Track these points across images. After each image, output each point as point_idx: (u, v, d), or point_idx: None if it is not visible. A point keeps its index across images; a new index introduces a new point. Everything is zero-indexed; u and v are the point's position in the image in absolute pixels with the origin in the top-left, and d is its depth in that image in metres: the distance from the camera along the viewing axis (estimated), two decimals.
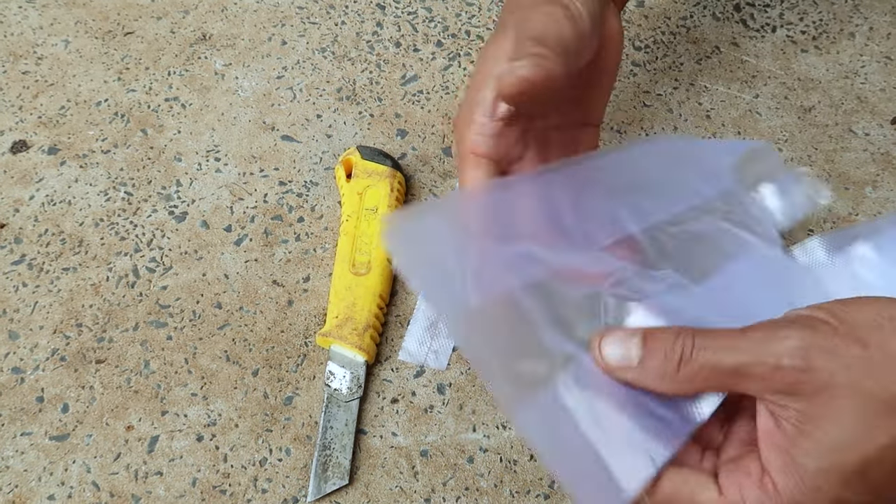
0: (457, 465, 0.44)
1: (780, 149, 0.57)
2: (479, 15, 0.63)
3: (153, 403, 0.45)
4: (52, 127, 0.55)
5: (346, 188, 0.50)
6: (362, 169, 0.51)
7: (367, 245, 0.48)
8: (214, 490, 0.43)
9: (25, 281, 0.49)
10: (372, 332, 0.46)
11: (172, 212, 0.52)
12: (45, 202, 0.52)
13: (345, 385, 0.45)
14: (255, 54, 0.60)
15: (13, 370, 0.46)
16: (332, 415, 0.44)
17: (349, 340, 0.45)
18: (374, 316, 0.46)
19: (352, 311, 0.46)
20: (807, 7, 0.65)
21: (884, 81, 0.61)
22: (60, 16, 0.61)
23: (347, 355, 0.45)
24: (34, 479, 0.43)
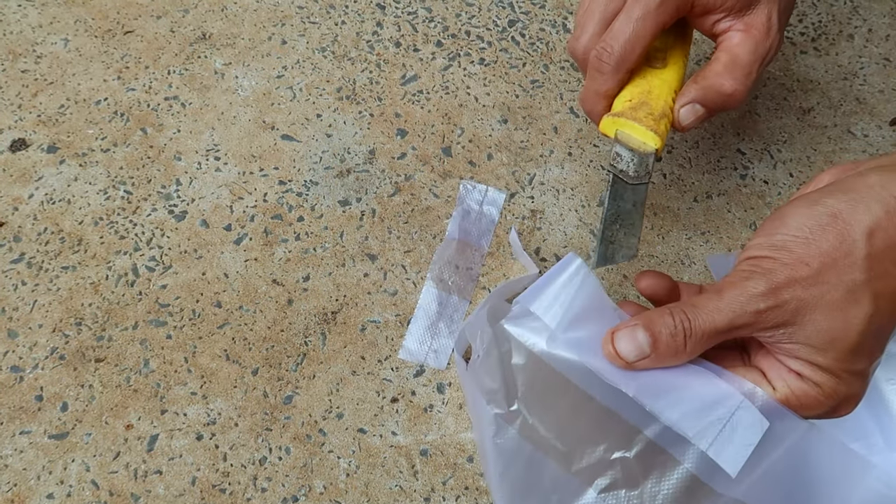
0: (456, 465, 0.44)
1: (779, 150, 0.57)
2: (478, 15, 0.63)
3: (153, 402, 0.45)
4: (51, 125, 0.55)
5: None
6: None
7: (664, 36, 0.43)
8: (214, 489, 0.43)
9: (25, 279, 0.49)
10: (666, 121, 0.41)
11: (172, 211, 0.52)
12: (45, 201, 0.52)
13: (632, 167, 0.40)
14: (255, 54, 0.60)
15: (12, 369, 0.46)
16: (619, 193, 0.40)
17: (644, 123, 0.40)
18: (669, 108, 0.41)
19: (647, 97, 0.41)
20: (806, 9, 0.65)
21: (882, 83, 0.61)
22: (60, 14, 0.61)
23: (636, 140, 0.40)
24: (33, 478, 0.43)
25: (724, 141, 0.57)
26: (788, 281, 0.32)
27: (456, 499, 0.43)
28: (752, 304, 0.32)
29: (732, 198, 0.54)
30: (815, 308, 0.32)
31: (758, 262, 0.33)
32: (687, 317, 0.33)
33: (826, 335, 0.32)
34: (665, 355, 0.33)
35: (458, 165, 0.55)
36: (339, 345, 0.47)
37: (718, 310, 0.33)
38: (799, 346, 0.33)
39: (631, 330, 0.34)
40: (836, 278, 0.32)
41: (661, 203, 0.54)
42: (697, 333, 0.33)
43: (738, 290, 0.33)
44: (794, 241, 0.33)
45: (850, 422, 0.43)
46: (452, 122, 0.57)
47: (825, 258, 0.32)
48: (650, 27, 0.39)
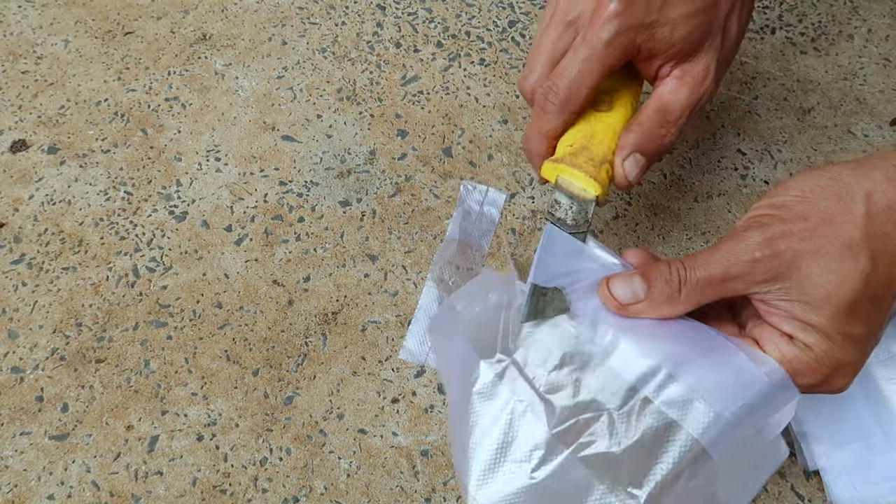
0: None
1: (779, 150, 0.57)
2: (479, 16, 0.63)
3: (153, 403, 0.45)
4: (51, 126, 0.55)
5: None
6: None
7: (611, 80, 0.42)
8: (215, 490, 0.43)
9: (25, 280, 0.49)
10: (607, 167, 0.40)
11: (172, 211, 0.52)
12: (45, 201, 0.52)
13: (570, 216, 0.39)
14: (256, 54, 0.60)
15: (12, 369, 0.46)
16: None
17: (584, 169, 0.39)
18: (612, 152, 0.40)
19: (589, 142, 0.40)
20: (806, 9, 0.66)
21: (882, 83, 0.61)
22: (60, 15, 0.61)
23: (576, 186, 0.39)
24: (34, 479, 0.42)
25: (725, 141, 0.57)
26: (785, 233, 0.33)
27: (457, 499, 0.43)
28: (747, 252, 0.33)
29: (733, 198, 0.54)
30: (812, 261, 0.32)
31: (757, 218, 0.34)
32: (683, 265, 0.34)
33: (821, 290, 0.32)
34: (659, 300, 0.34)
35: (458, 166, 0.55)
36: (339, 345, 0.47)
37: (714, 259, 0.33)
38: (794, 303, 0.33)
39: (628, 276, 0.35)
40: (833, 233, 0.32)
41: (661, 203, 0.54)
42: (692, 280, 0.34)
43: (734, 241, 0.33)
44: (793, 199, 0.33)
45: (851, 421, 0.43)
46: (453, 122, 0.57)
47: (823, 214, 0.32)
48: (597, 69, 0.38)
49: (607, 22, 0.37)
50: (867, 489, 0.42)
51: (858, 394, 0.44)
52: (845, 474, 0.42)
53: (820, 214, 0.32)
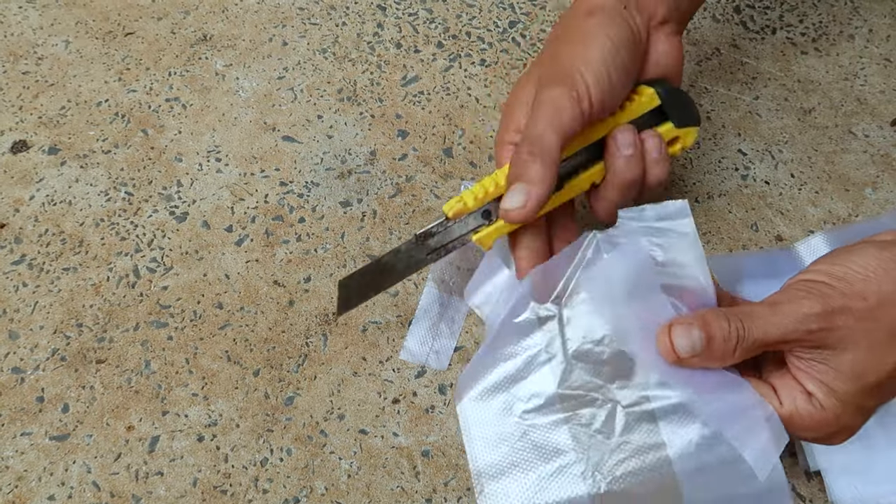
0: (458, 466, 0.44)
1: (780, 150, 0.57)
2: (479, 16, 0.63)
3: (154, 403, 0.45)
4: (52, 127, 0.55)
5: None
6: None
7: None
8: (215, 490, 0.43)
9: (26, 281, 0.49)
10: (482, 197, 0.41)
11: (173, 212, 0.52)
12: (46, 202, 0.52)
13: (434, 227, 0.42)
14: (256, 55, 0.60)
15: (13, 370, 0.46)
16: (407, 251, 0.42)
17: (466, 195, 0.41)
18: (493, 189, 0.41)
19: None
20: (806, 9, 0.66)
21: (883, 83, 0.61)
22: (61, 16, 0.61)
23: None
24: (34, 480, 0.42)
25: (725, 142, 0.57)
26: (843, 309, 0.33)
27: (458, 500, 0.43)
28: (805, 322, 0.33)
29: (734, 198, 0.54)
30: (860, 341, 0.33)
31: (816, 285, 0.34)
32: (742, 324, 0.34)
33: (858, 367, 0.34)
34: (715, 356, 0.35)
35: (459, 166, 0.55)
36: (340, 346, 0.47)
37: (773, 323, 0.34)
38: (828, 369, 0.34)
39: (688, 327, 0.35)
40: (886, 318, 0.33)
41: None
42: (749, 341, 0.34)
43: (794, 307, 0.34)
44: (855, 275, 0.34)
45: None
46: (453, 123, 0.57)
47: (882, 297, 0.33)
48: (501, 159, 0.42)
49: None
50: (868, 489, 0.42)
51: None
52: (846, 475, 0.42)
53: (879, 297, 0.33)
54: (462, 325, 0.48)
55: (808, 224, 0.53)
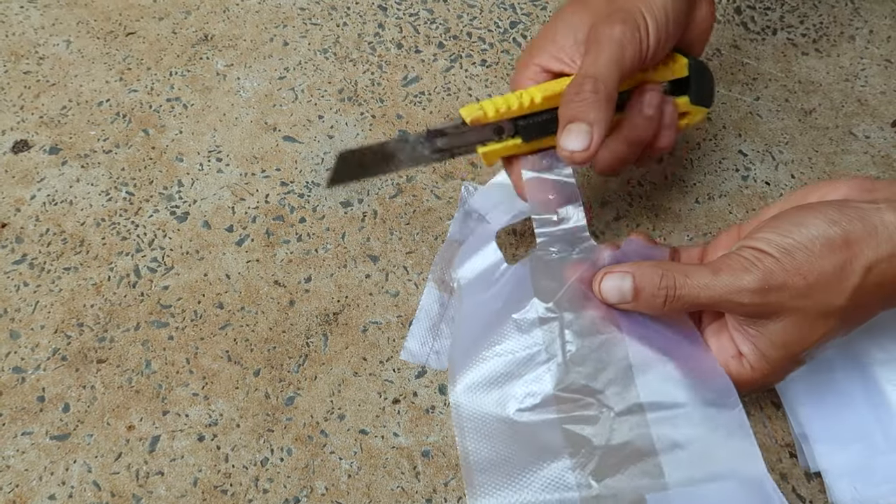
0: (458, 466, 0.44)
1: (780, 151, 0.57)
2: (480, 17, 0.63)
3: (154, 403, 0.45)
4: (53, 127, 0.55)
5: None
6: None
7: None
8: (216, 490, 0.43)
9: (27, 280, 0.49)
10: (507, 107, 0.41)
11: (174, 212, 0.52)
12: (47, 202, 0.52)
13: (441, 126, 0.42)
14: (257, 55, 0.60)
15: (14, 369, 0.46)
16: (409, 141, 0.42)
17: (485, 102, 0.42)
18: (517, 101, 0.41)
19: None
20: (807, 10, 0.66)
21: (884, 84, 0.61)
22: (62, 16, 0.61)
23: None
24: (35, 479, 0.43)
25: (726, 142, 0.57)
26: (781, 286, 0.34)
27: (458, 500, 0.43)
28: (739, 295, 0.35)
29: (734, 199, 0.54)
30: (791, 315, 0.35)
31: (761, 257, 0.35)
32: (675, 283, 0.35)
33: (788, 338, 0.35)
34: (643, 307, 0.37)
35: (459, 167, 0.55)
36: (340, 346, 0.47)
37: (707, 287, 0.35)
38: (761, 336, 0.36)
39: (621, 276, 0.37)
40: (821, 298, 0.34)
41: (662, 204, 0.54)
42: (679, 300, 0.36)
43: (731, 278, 0.35)
44: (802, 250, 0.34)
45: (853, 422, 0.43)
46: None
47: (820, 276, 0.34)
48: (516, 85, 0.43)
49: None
50: (869, 491, 0.42)
51: (860, 395, 0.44)
52: (847, 476, 0.42)
53: (818, 276, 0.34)
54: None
55: None
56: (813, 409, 0.44)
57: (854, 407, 0.43)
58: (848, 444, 0.43)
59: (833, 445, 0.43)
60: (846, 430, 0.43)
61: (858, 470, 0.42)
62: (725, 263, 0.35)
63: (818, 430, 0.43)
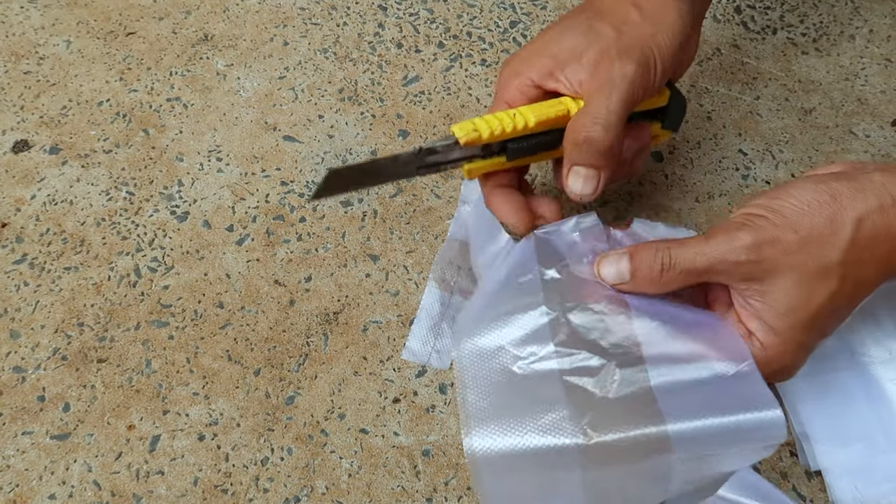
0: (458, 465, 0.44)
1: (780, 150, 0.57)
2: (480, 16, 0.63)
3: (155, 403, 0.45)
4: (53, 127, 0.55)
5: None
6: None
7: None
8: (216, 489, 0.43)
9: (27, 280, 0.49)
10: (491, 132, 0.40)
11: (174, 211, 0.52)
12: (47, 202, 0.52)
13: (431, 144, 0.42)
14: (257, 55, 0.60)
15: (14, 369, 0.46)
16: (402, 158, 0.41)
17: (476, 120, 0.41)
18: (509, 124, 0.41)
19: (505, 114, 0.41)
20: (807, 9, 0.66)
21: (884, 83, 0.61)
22: (62, 16, 0.61)
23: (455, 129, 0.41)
24: (35, 479, 0.42)
25: (726, 141, 0.57)
26: (773, 240, 0.34)
27: (458, 499, 0.43)
28: (734, 253, 0.34)
29: (734, 198, 0.54)
30: (790, 274, 0.34)
31: (752, 218, 0.35)
32: (669, 253, 0.36)
33: (791, 301, 0.34)
34: (642, 283, 0.37)
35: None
36: (340, 345, 0.47)
37: (702, 252, 0.35)
38: (765, 306, 0.35)
39: (617, 256, 0.37)
40: (816, 252, 0.34)
41: (663, 203, 0.54)
42: (676, 269, 0.36)
43: (725, 238, 0.35)
44: (790, 207, 0.35)
45: (854, 421, 0.43)
46: (454, 122, 0.57)
47: (813, 230, 0.34)
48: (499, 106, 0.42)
49: (499, 73, 0.43)
50: (869, 490, 0.42)
51: (860, 394, 0.44)
52: (848, 475, 0.42)
53: (810, 230, 0.34)
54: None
55: None
56: (814, 408, 0.44)
57: (855, 406, 0.43)
58: (849, 443, 0.43)
59: (834, 444, 0.43)
60: (847, 429, 0.43)
61: (859, 469, 0.42)
62: (718, 229, 0.36)
63: (819, 429, 0.43)
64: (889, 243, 0.34)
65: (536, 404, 0.35)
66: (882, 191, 0.34)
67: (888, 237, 0.34)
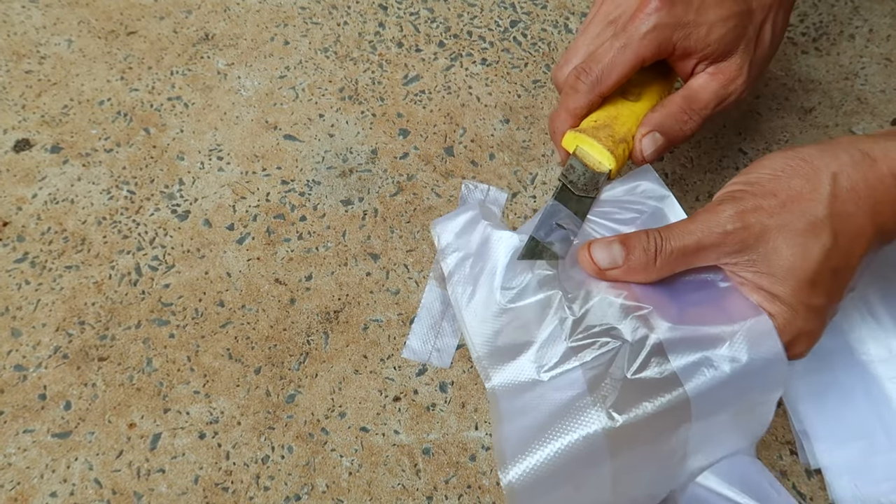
0: (459, 463, 0.44)
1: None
2: (480, 16, 0.63)
3: (155, 401, 0.45)
4: (54, 126, 0.55)
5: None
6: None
7: (643, 75, 0.44)
8: (217, 487, 0.43)
9: (28, 279, 0.49)
10: (625, 146, 0.42)
11: (175, 210, 0.52)
12: (48, 200, 0.52)
13: (581, 181, 0.41)
14: (258, 54, 0.60)
15: (15, 367, 0.46)
16: (566, 199, 0.41)
17: (603, 143, 0.41)
18: (632, 135, 0.42)
19: (613, 121, 0.42)
20: (807, 9, 0.66)
21: (884, 83, 0.61)
22: (63, 15, 0.61)
23: (593, 158, 0.41)
24: (36, 477, 0.43)
25: (726, 140, 0.57)
26: (755, 207, 0.35)
27: (458, 497, 0.43)
28: (720, 225, 0.35)
29: None
30: (778, 235, 0.34)
31: (731, 193, 0.36)
32: (660, 235, 0.36)
33: (786, 262, 0.34)
34: (636, 267, 0.36)
35: (460, 165, 0.55)
36: (341, 344, 0.47)
37: (689, 231, 0.36)
38: (761, 274, 0.35)
39: (608, 241, 0.37)
40: (799, 209, 0.34)
41: None
42: (668, 250, 0.36)
43: (708, 214, 0.35)
44: (765, 177, 0.36)
45: (853, 420, 0.43)
46: (454, 121, 0.57)
47: (791, 192, 0.35)
48: (630, 57, 0.41)
49: (647, 16, 0.40)
50: (869, 488, 0.42)
51: (860, 392, 0.44)
52: (847, 473, 0.42)
53: (788, 192, 0.35)
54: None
55: None
56: (813, 407, 0.44)
57: (855, 404, 0.44)
58: (848, 442, 0.43)
59: (833, 443, 0.43)
60: (847, 427, 0.43)
61: (859, 467, 0.42)
62: (701, 210, 0.37)
63: (819, 428, 0.43)
64: (872, 195, 0.34)
65: (562, 404, 0.35)
66: (850, 148, 0.35)
67: (868, 188, 0.34)
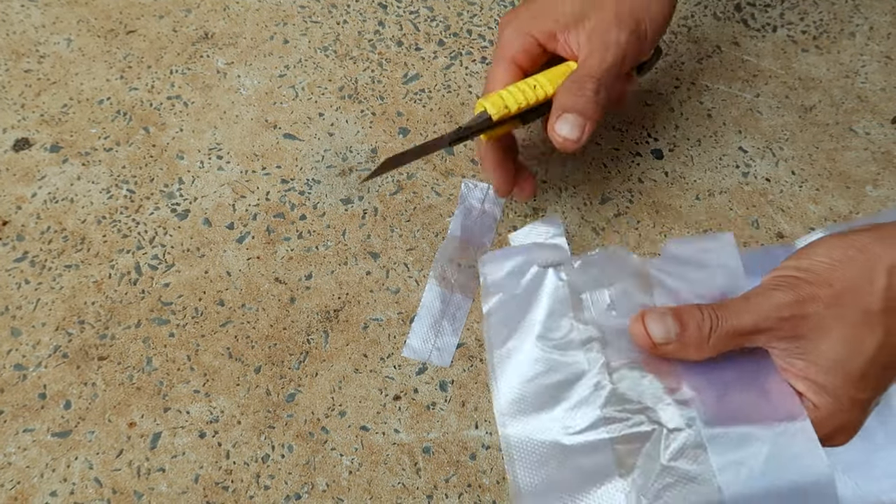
0: (459, 462, 0.44)
1: (781, 147, 0.57)
2: (480, 14, 0.63)
3: (155, 400, 0.45)
4: (54, 125, 0.55)
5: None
6: None
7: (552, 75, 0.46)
8: (217, 486, 0.43)
9: (28, 278, 0.49)
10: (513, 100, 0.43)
11: (175, 209, 0.52)
12: (48, 199, 0.52)
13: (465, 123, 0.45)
14: (258, 53, 0.60)
15: (15, 367, 0.46)
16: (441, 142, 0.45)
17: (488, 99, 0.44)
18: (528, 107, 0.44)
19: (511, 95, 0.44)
20: (807, 7, 0.66)
21: (884, 81, 0.61)
22: (63, 14, 0.61)
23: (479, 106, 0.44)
24: (36, 476, 0.43)
25: (726, 139, 0.57)
26: (812, 296, 0.34)
27: (458, 496, 0.43)
28: (777, 310, 0.34)
29: (734, 195, 0.54)
30: (833, 327, 0.34)
31: (785, 279, 0.35)
32: (715, 313, 0.35)
33: (838, 355, 0.34)
34: (689, 344, 0.35)
35: (459, 164, 0.55)
36: (341, 343, 0.47)
37: (746, 311, 0.35)
38: (809, 364, 0.35)
39: (662, 314, 0.36)
40: (854, 302, 0.34)
41: (663, 201, 0.54)
42: (723, 329, 0.35)
43: (765, 297, 0.35)
44: (820, 265, 0.35)
45: None
46: (454, 120, 0.57)
47: (847, 282, 0.34)
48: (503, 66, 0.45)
49: (506, 24, 0.45)
50: (869, 486, 0.42)
51: None
52: (847, 471, 0.42)
53: (844, 283, 0.34)
54: (464, 322, 0.48)
55: (809, 221, 0.53)
56: None
57: None
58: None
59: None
60: None
61: (859, 465, 0.42)
62: (755, 291, 0.36)
63: None
64: None
65: (587, 475, 0.34)
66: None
67: None
